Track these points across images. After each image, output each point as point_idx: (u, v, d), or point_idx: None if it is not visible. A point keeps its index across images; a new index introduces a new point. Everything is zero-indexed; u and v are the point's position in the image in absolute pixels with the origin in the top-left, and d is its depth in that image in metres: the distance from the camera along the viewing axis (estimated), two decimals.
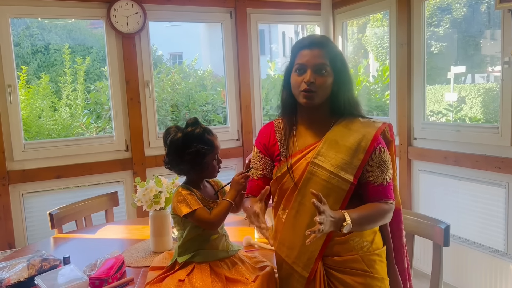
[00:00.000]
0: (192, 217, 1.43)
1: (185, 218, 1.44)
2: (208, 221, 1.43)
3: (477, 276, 2.57)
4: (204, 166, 1.48)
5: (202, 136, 1.46)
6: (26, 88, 4.37)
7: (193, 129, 1.46)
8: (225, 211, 1.45)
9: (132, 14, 3.16)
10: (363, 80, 4.80)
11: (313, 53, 1.35)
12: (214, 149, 1.49)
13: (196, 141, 1.45)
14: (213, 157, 1.49)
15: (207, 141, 1.46)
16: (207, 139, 1.47)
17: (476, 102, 4.11)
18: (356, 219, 1.26)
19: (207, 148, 1.46)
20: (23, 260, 1.59)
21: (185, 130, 1.47)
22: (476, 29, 3.85)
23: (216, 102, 4.86)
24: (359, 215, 1.29)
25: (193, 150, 1.44)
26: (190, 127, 1.47)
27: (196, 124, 1.48)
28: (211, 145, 1.47)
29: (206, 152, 1.46)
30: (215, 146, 1.49)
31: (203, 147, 1.45)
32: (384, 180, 1.37)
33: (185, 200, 1.44)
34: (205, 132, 1.47)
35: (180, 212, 1.43)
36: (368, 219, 1.32)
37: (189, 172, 1.51)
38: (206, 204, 1.48)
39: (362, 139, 1.36)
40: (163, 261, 1.60)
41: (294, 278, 1.40)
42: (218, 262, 1.45)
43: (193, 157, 1.45)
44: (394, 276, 1.46)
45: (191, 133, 1.46)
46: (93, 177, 3.18)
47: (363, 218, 1.30)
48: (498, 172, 2.62)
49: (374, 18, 5.67)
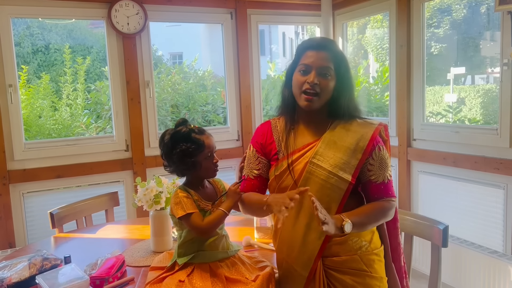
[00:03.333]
0: (185, 221, 1.44)
1: (179, 221, 1.46)
2: (200, 227, 1.42)
3: (476, 277, 2.57)
4: (197, 166, 1.47)
5: (188, 136, 1.45)
6: (27, 87, 4.38)
7: (179, 129, 1.46)
8: (218, 220, 1.44)
9: (132, 14, 3.17)
10: (363, 81, 4.81)
11: (319, 55, 1.36)
12: (203, 148, 1.46)
13: (182, 141, 1.45)
14: (203, 156, 1.47)
15: (194, 140, 1.45)
16: (194, 138, 1.45)
17: (475, 104, 4.11)
18: (356, 219, 1.28)
19: (194, 147, 1.44)
20: (24, 259, 1.59)
21: (173, 131, 1.47)
22: (476, 31, 3.85)
23: (216, 103, 4.87)
24: (360, 215, 1.30)
25: (180, 150, 1.44)
26: (177, 128, 1.47)
27: (183, 124, 1.48)
28: (198, 144, 1.45)
29: (194, 152, 1.45)
30: (204, 144, 1.46)
31: (190, 146, 1.44)
32: (385, 178, 1.39)
33: (180, 203, 1.44)
34: (192, 132, 1.46)
35: (176, 214, 1.44)
36: (369, 218, 1.34)
37: (185, 172, 1.51)
38: (204, 205, 1.48)
39: (360, 139, 1.38)
40: (163, 261, 1.60)
41: (293, 277, 1.40)
42: (218, 263, 1.46)
43: (181, 157, 1.44)
44: (391, 275, 1.47)
45: (177, 133, 1.46)
46: (93, 177, 3.19)
47: (364, 217, 1.32)
48: (497, 173, 2.62)
49: (374, 19, 5.68)
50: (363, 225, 1.32)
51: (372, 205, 1.37)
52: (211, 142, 1.50)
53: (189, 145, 1.44)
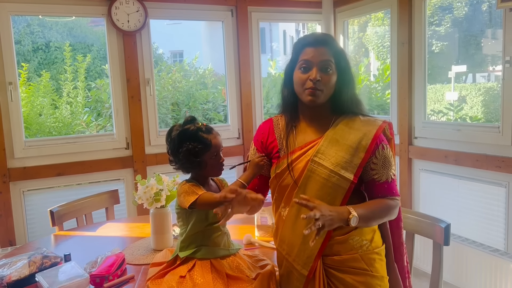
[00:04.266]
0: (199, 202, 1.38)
1: (191, 209, 1.41)
2: (215, 196, 1.34)
3: (477, 275, 2.57)
4: (202, 165, 1.45)
5: (195, 135, 1.43)
6: (27, 85, 4.38)
7: (187, 127, 1.45)
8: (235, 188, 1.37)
9: (133, 12, 3.16)
10: (364, 79, 4.80)
11: (318, 50, 1.34)
12: (210, 148, 1.45)
13: (189, 140, 1.43)
14: (210, 155, 1.46)
15: (201, 139, 1.43)
16: (201, 137, 1.43)
17: (477, 102, 4.11)
18: (362, 212, 1.27)
19: (200, 146, 1.43)
20: (24, 257, 1.59)
21: (181, 128, 1.46)
22: (477, 28, 3.84)
23: (216, 101, 4.86)
24: (366, 209, 1.29)
25: (186, 149, 1.42)
26: (185, 125, 1.46)
27: (191, 122, 1.46)
28: (205, 144, 1.43)
29: (200, 151, 1.43)
30: (211, 144, 1.45)
31: (196, 145, 1.42)
32: (388, 177, 1.37)
33: (190, 189, 1.41)
34: (199, 130, 1.44)
35: (186, 201, 1.39)
36: (375, 214, 1.32)
37: (190, 170, 1.50)
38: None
39: (363, 138, 1.36)
40: (163, 258, 1.60)
41: (294, 276, 1.40)
42: (219, 260, 1.45)
43: (187, 156, 1.43)
44: (393, 275, 1.46)
45: (184, 131, 1.44)
46: (93, 175, 3.19)
47: (370, 211, 1.30)
48: (498, 171, 2.62)
49: (375, 17, 5.66)
50: (368, 220, 1.30)
51: (378, 201, 1.36)
52: (218, 141, 1.47)
53: (195, 144, 1.43)
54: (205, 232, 1.46)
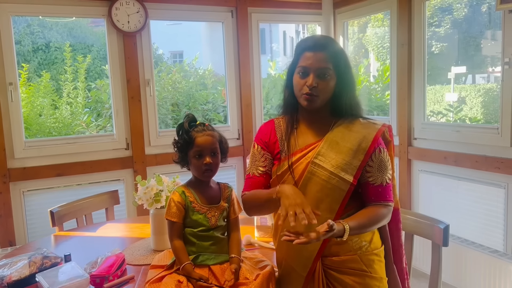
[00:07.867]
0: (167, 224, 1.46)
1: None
2: (170, 239, 1.44)
3: (476, 276, 2.57)
4: (186, 162, 1.46)
5: (186, 130, 1.44)
6: (27, 86, 4.38)
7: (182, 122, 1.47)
8: (177, 258, 1.42)
9: (133, 12, 3.16)
10: (364, 80, 4.81)
11: (316, 56, 1.34)
12: (192, 146, 1.42)
13: (178, 134, 1.46)
14: (192, 154, 1.44)
15: (185, 134, 1.43)
16: (186, 133, 1.43)
17: (476, 103, 4.12)
18: (355, 227, 1.28)
19: (182, 143, 1.43)
20: (24, 258, 1.59)
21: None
22: (477, 30, 3.85)
23: (216, 101, 4.87)
24: (358, 224, 1.30)
25: (174, 142, 1.46)
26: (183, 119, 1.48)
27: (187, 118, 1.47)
28: (187, 141, 1.42)
29: (182, 147, 1.44)
30: (193, 142, 1.42)
31: (179, 140, 1.44)
32: (383, 180, 1.38)
33: (168, 205, 1.45)
34: (192, 127, 1.44)
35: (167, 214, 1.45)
36: (366, 225, 1.33)
37: (181, 165, 1.50)
38: (199, 208, 1.44)
39: (362, 140, 1.37)
40: (163, 259, 1.60)
41: (293, 277, 1.40)
42: (218, 266, 1.44)
43: (175, 149, 1.46)
44: (392, 276, 1.47)
45: (180, 125, 1.47)
46: (93, 175, 3.19)
47: (362, 225, 1.31)
48: (497, 172, 2.62)
49: (375, 18, 5.67)
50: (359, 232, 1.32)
51: (369, 212, 1.35)
52: (203, 140, 1.43)
53: (178, 139, 1.45)
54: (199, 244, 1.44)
